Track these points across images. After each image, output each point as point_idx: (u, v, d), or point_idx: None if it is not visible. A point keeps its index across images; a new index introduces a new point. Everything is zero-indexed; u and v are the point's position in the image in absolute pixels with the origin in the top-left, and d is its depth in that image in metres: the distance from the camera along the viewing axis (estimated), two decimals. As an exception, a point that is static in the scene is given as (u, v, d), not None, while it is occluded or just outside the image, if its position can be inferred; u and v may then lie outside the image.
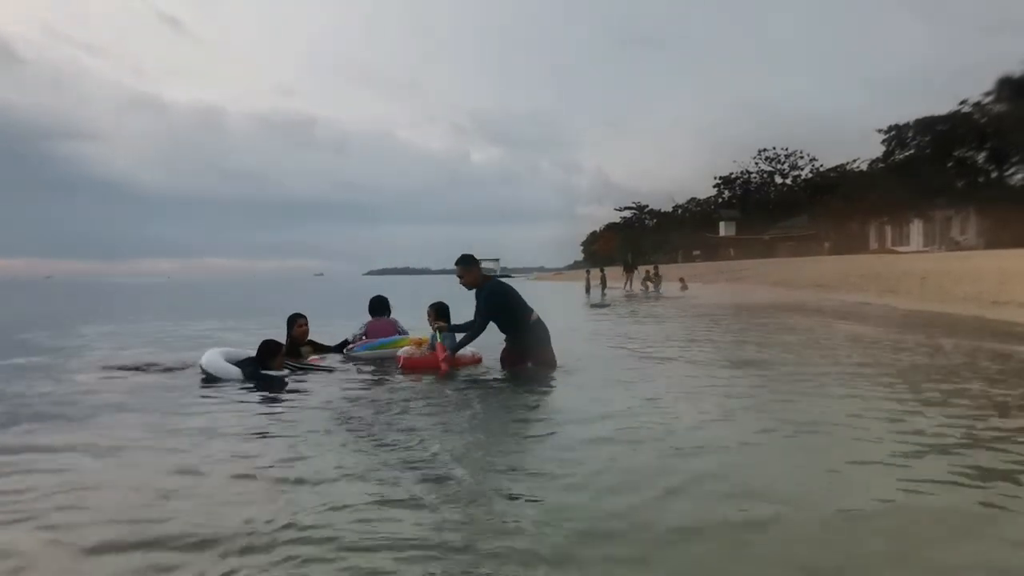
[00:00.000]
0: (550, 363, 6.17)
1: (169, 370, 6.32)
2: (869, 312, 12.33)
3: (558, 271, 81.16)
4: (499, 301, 6.21)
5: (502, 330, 6.35)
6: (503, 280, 6.61)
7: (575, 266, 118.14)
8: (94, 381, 5.88)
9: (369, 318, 7.33)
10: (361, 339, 7.15)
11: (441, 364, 5.97)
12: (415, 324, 7.51)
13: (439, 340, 6.21)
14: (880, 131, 47.22)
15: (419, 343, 6.40)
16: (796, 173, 75.30)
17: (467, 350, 6.35)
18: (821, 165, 70.90)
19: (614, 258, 53.86)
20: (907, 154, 45.25)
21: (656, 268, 31.03)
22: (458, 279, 6.37)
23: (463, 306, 6.90)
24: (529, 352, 6.25)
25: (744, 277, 30.98)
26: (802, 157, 74.40)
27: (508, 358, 6.36)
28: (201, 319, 13.98)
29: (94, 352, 8.00)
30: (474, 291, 6.36)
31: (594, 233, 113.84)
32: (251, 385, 5.53)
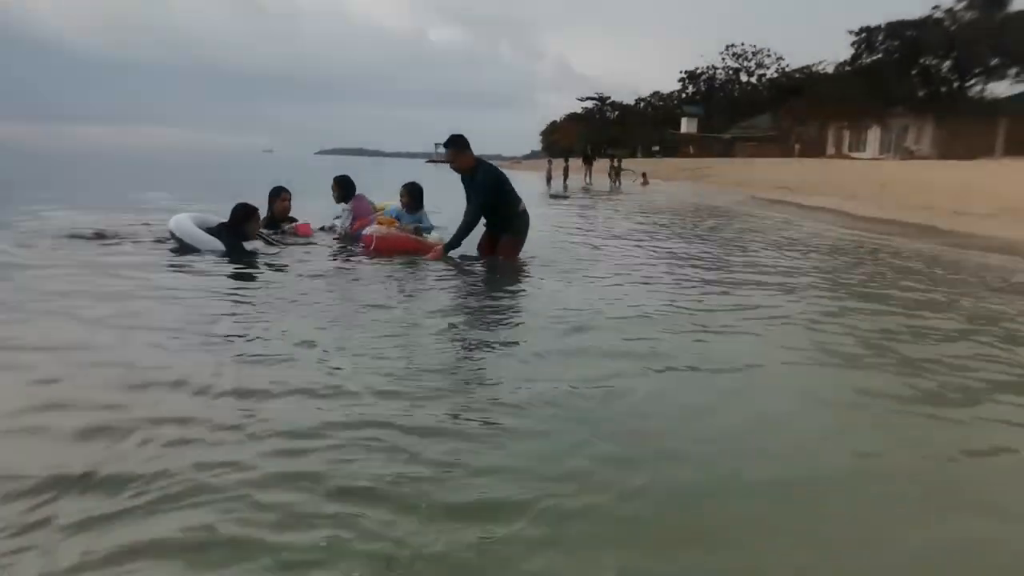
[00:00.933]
0: (515, 255, 5.97)
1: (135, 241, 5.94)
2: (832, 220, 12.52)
3: (515, 160, 79.83)
4: (495, 185, 5.90)
5: (487, 217, 6.01)
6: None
7: (532, 156, 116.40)
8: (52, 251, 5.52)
9: (342, 204, 6.96)
10: (354, 221, 6.76)
11: (430, 252, 5.69)
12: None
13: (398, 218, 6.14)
14: (851, 32, 46.38)
15: (389, 222, 6.07)
16: (762, 72, 74.30)
17: (435, 235, 6.17)
18: (788, 65, 70.06)
19: (572, 149, 52.99)
20: (874, 58, 44.79)
21: (618, 161, 30.87)
22: (448, 163, 5.97)
23: (437, 193, 6.70)
24: (508, 242, 5.99)
25: (705, 176, 31.03)
26: (769, 56, 73.23)
27: (487, 246, 6.12)
28: (149, 191, 13.27)
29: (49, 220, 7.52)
30: (463, 177, 5.97)
31: (554, 123, 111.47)
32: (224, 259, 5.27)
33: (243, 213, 5.62)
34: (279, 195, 6.66)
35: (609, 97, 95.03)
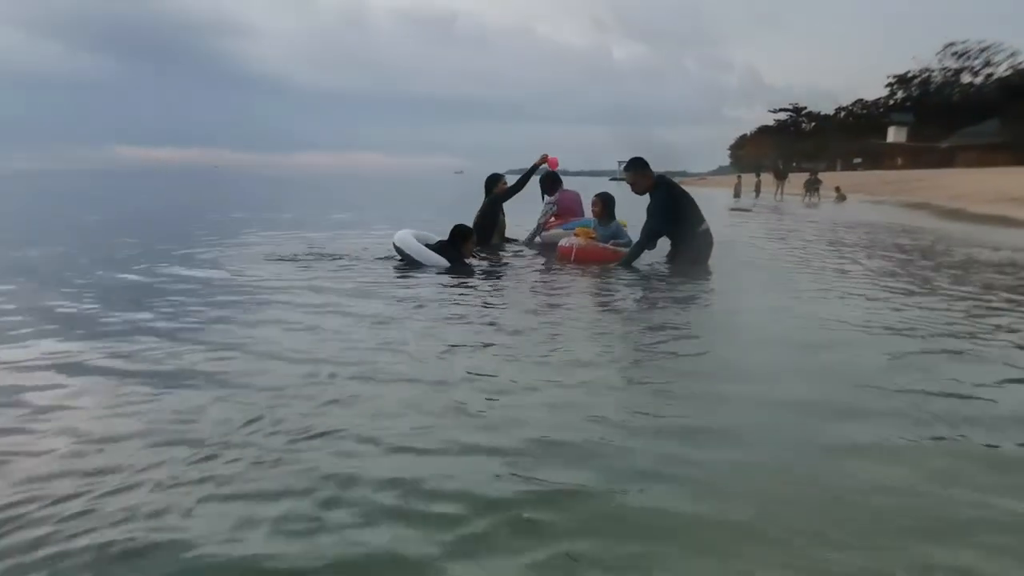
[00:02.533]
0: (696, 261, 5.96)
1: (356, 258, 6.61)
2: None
3: (702, 176, 77.51)
4: (669, 205, 5.89)
5: (668, 236, 6.11)
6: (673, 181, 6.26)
7: (720, 171, 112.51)
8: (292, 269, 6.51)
9: (547, 197, 7.63)
10: (552, 217, 7.49)
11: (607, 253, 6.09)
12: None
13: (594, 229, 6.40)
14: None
15: (587, 234, 6.34)
16: (989, 71, 65.75)
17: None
18: (1023, 62, 61.34)
19: (762, 164, 50.53)
20: None
21: (815, 175, 29.27)
22: (629, 186, 6.16)
23: (621, 211, 6.92)
24: (686, 261, 5.99)
25: (914, 190, 28.18)
26: (1000, 51, 64.60)
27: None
28: (373, 213, 14.82)
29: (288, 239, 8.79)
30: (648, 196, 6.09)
31: (744, 136, 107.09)
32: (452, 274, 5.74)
33: (462, 233, 6.22)
34: (499, 180, 7.66)
35: (805, 108, 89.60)
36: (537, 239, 7.55)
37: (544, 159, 7.30)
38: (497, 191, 7.46)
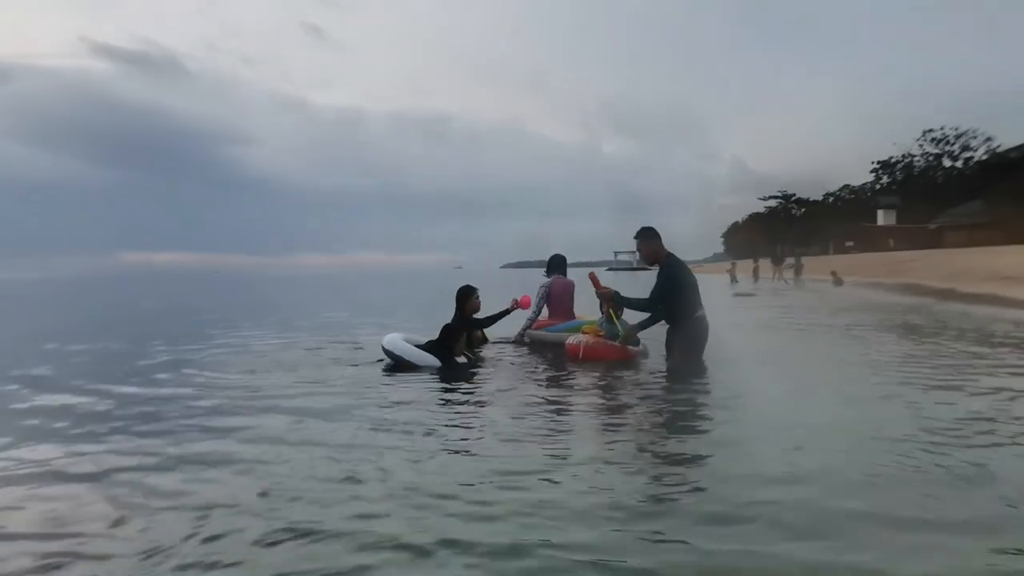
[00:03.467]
0: (686, 362, 5.73)
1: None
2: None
3: (697, 264, 78.71)
4: (678, 279, 5.84)
5: (667, 319, 6.06)
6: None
7: (714, 258, 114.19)
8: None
9: (543, 279, 7.72)
10: (541, 307, 7.52)
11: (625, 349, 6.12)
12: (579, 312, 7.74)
13: (615, 324, 6.26)
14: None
15: (595, 332, 6.34)
16: (968, 155, 68.09)
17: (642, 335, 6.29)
18: (999, 145, 63.65)
19: (755, 250, 51.47)
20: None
21: (797, 259, 30.16)
22: (639, 254, 6.14)
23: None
24: (680, 347, 5.88)
25: (908, 270, 28.54)
26: (975, 137, 67.20)
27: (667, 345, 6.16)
28: (376, 312, 14.98)
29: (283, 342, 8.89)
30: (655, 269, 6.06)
31: (736, 224, 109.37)
32: (442, 374, 5.74)
33: (450, 332, 6.30)
34: (471, 295, 7.00)
35: (794, 194, 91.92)
36: (526, 338, 7.58)
37: (515, 304, 7.22)
38: (468, 310, 6.97)
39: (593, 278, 6.46)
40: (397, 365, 6.09)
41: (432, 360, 6.02)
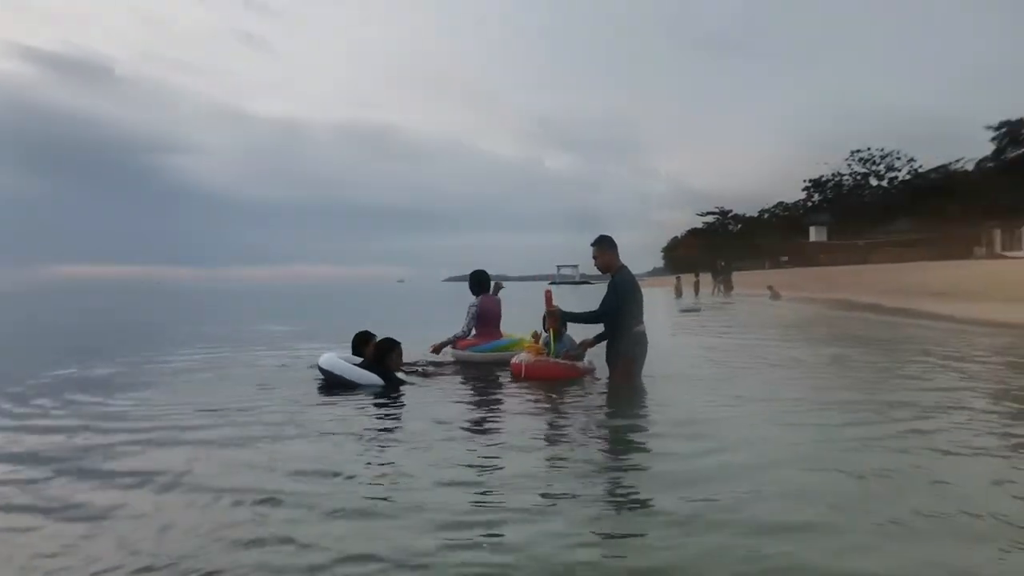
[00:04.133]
0: (628, 378, 5.73)
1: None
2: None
3: (640, 277, 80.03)
4: (629, 290, 5.78)
5: (609, 328, 5.91)
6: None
7: (654, 272, 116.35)
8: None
9: (473, 298, 7.32)
10: (472, 327, 7.16)
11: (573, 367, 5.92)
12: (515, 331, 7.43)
13: (553, 344, 6.06)
14: (990, 128, 44.11)
15: (537, 350, 6.08)
16: (893, 175, 71.44)
17: (586, 361, 6.20)
18: (920, 166, 67.05)
19: (695, 264, 52.67)
20: (1021, 152, 42.05)
21: (727, 274, 31.37)
22: (593, 260, 5.99)
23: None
24: (621, 362, 5.81)
25: (839, 285, 29.48)
26: (899, 158, 70.55)
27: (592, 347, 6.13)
28: (317, 323, 14.38)
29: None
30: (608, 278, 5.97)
31: (675, 239, 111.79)
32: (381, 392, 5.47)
33: (386, 347, 5.92)
34: (391, 350, 5.98)
35: (731, 210, 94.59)
36: (451, 355, 7.24)
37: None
38: (389, 366, 5.86)
39: (548, 296, 6.23)
40: (331, 384, 5.72)
41: (374, 378, 5.67)
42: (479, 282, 7.41)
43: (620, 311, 5.77)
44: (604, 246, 5.95)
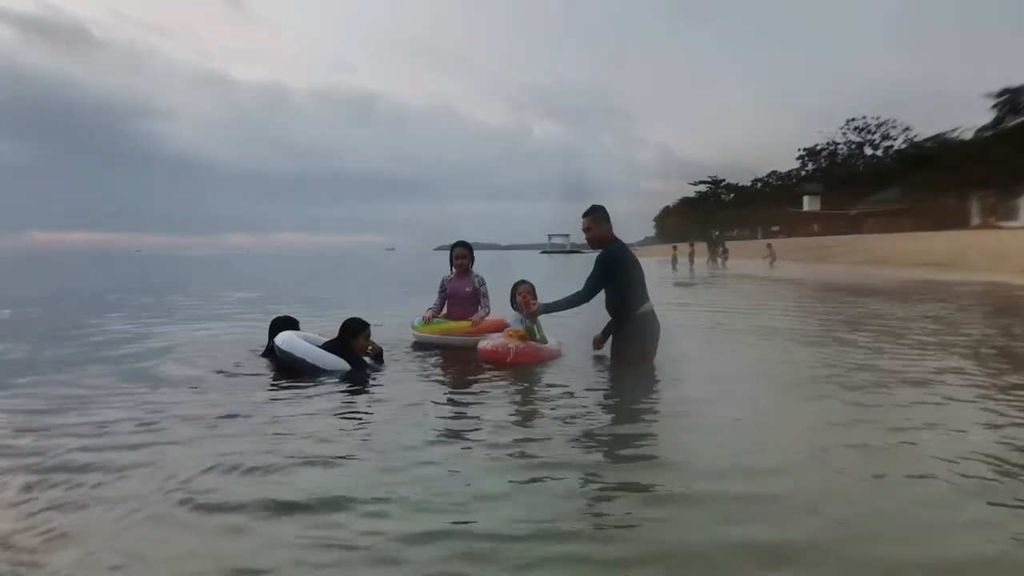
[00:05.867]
0: (640, 359, 5.13)
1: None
2: None
3: (632, 246, 79.68)
4: (613, 265, 5.15)
5: (608, 308, 5.36)
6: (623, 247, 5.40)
7: (646, 242, 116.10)
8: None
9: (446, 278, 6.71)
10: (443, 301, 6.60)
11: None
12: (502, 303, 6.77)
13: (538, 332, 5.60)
14: (990, 95, 43.47)
15: (522, 335, 5.51)
16: (888, 144, 70.86)
17: (552, 341, 5.68)
18: (916, 135, 66.45)
19: (686, 233, 52.12)
20: (1021, 120, 41.48)
21: (722, 244, 30.97)
22: (584, 232, 5.40)
23: (555, 284, 6.26)
24: (626, 345, 5.21)
25: (833, 255, 29.15)
26: (894, 127, 69.96)
27: (600, 339, 5.61)
28: (323, 289, 13.83)
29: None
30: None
31: (667, 208, 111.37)
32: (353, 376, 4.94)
33: (353, 328, 5.32)
34: (360, 331, 5.40)
35: (723, 180, 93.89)
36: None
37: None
38: (356, 348, 5.30)
39: (525, 299, 5.62)
40: (288, 368, 5.02)
41: (341, 363, 5.04)
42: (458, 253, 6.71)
43: (617, 292, 5.22)
44: (597, 216, 5.31)
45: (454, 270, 6.67)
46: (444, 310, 6.62)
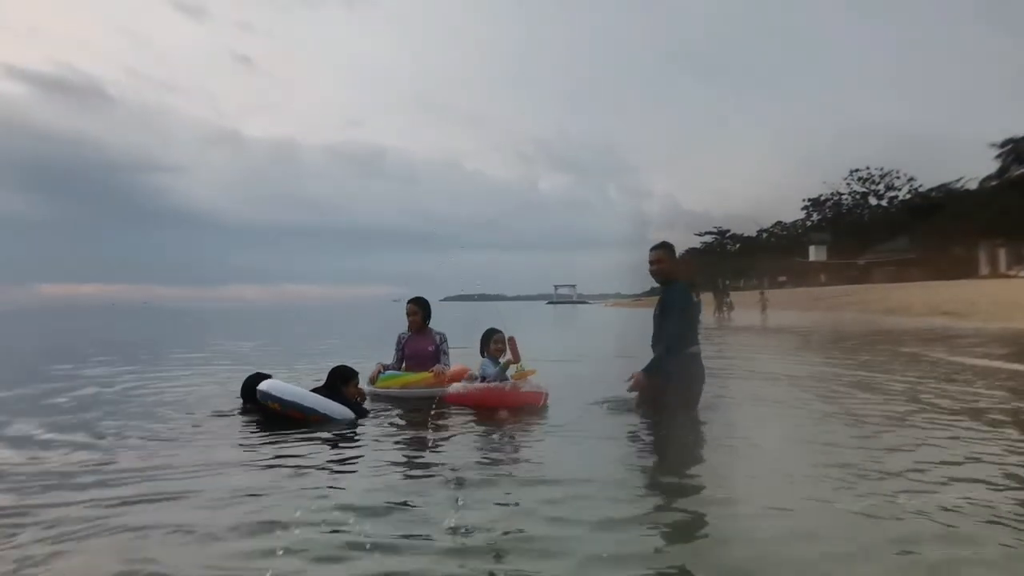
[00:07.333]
0: (684, 405, 4.96)
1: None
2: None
3: (637, 297, 79.15)
4: (687, 304, 5.13)
5: (654, 344, 5.14)
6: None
7: (652, 292, 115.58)
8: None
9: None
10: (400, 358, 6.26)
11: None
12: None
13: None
14: (993, 145, 43.64)
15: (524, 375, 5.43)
16: (892, 194, 71.17)
17: (536, 382, 5.46)
18: (920, 185, 66.79)
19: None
20: (1026, 170, 41.56)
21: (725, 289, 30.71)
22: (650, 265, 5.28)
23: (566, 333, 5.92)
24: (672, 386, 4.95)
25: (844, 304, 28.73)
26: (898, 177, 70.39)
27: (647, 386, 5.02)
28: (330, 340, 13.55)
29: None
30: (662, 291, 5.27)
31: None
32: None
33: (343, 375, 5.19)
34: (351, 379, 5.29)
35: (728, 230, 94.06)
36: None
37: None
38: (349, 395, 5.15)
39: (513, 345, 5.50)
40: (269, 416, 4.77)
41: (346, 411, 4.83)
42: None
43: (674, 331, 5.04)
44: (671, 251, 5.30)
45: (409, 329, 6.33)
46: (403, 368, 6.23)
